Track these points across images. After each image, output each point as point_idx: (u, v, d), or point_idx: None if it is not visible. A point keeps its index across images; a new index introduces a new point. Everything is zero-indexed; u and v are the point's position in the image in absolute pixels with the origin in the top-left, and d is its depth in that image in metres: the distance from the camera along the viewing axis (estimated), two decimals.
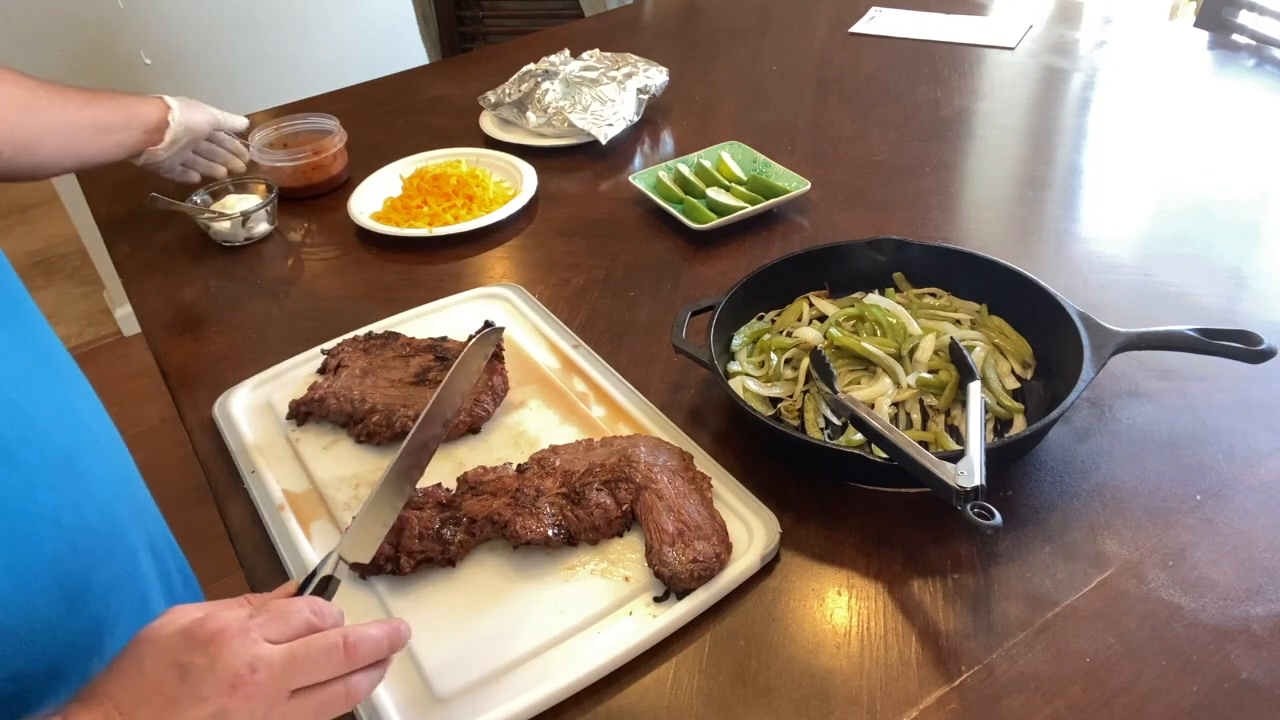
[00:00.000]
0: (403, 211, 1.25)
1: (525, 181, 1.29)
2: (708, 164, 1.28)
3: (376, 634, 0.55)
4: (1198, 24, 1.94)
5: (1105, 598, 0.71)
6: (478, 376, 0.86)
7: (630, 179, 1.26)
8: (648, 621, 0.69)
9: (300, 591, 0.58)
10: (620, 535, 0.76)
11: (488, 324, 0.93)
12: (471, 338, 0.93)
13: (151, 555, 0.69)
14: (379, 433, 0.86)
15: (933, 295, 1.00)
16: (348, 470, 0.84)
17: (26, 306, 0.62)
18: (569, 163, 1.38)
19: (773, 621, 0.71)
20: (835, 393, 0.82)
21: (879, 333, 0.94)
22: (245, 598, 0.56)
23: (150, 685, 0.49)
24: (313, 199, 1.32)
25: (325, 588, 0.59)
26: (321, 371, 0.95)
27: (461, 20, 2.40)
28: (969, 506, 0.68)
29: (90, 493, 0.57)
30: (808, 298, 1.00)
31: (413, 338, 0.97)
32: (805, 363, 0.91)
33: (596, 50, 1.56)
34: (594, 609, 0.70)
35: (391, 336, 0.98)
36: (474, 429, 0.87)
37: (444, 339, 0.97)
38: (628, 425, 0.87)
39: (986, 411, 0.83)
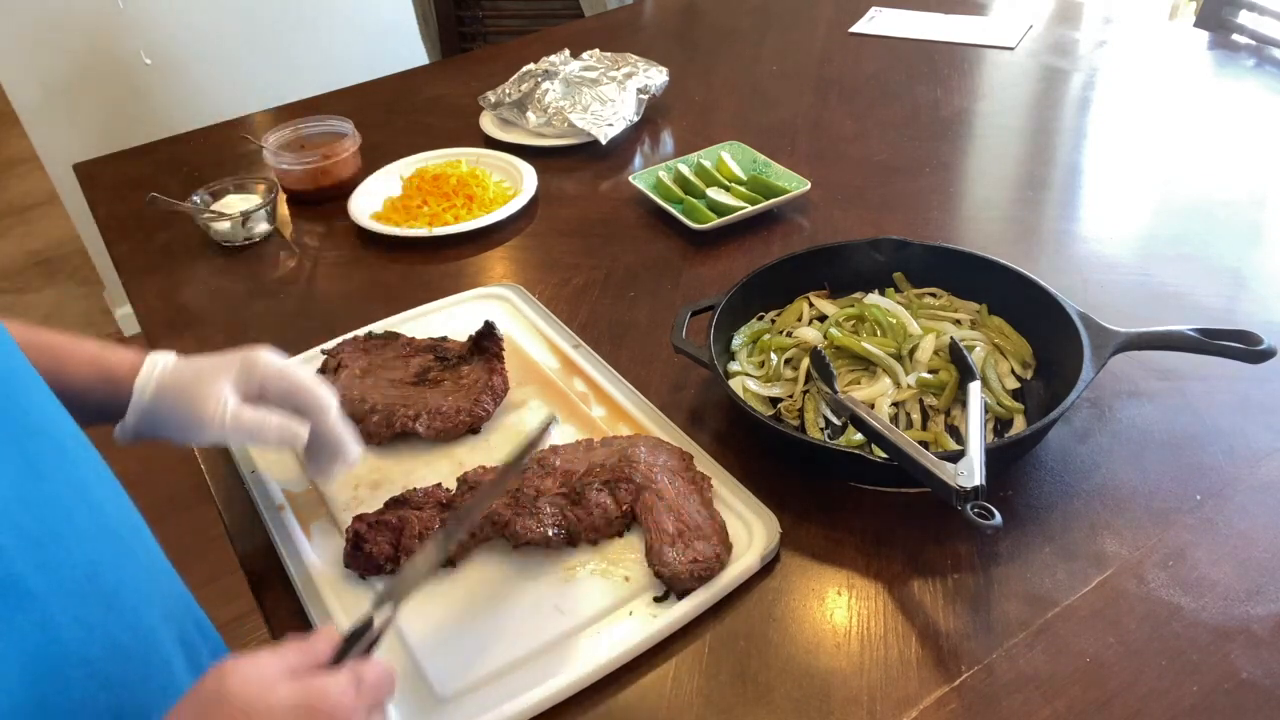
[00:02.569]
0: (403, 211, 1.25)
1: (525, 181, 1.29)
2: (708, 164, 1.28)
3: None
4: (1198, 24, 1.94)
5: (1105, 598, 0.71)
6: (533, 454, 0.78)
7: (630, 179, 1.26)
8: (648, 621, 0.69)
9: (346, 642, 0.55)
10: (620, 535, 0.76)
11: (488, 324, 0.93)
12: (472, 338, 0.93)
13: (183, 650, 0.61)
14: (379, 433, 0.86)
15: (933, 295, 1.00)
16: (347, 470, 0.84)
17: (21, 387, 0.54)
18: (569, 163, 1.38)
19: (773, 621, 0.71)
20: (835, 393, 0.82)
21: (879, 333, 0.94)
22: (302, 647, 0.52)
23: None
24: (323, 202, 1.31)
25: (374, 639, 0.57)
26: (321, 371, 0.95)
27: (461, 20, 2.40)
28: (969, 506, 0.68)
29: (119, 609, 0.52)
30: (808, 298, 1.00)
31: (413, 338, 0.97)
32: (805, 363, 0.91)
33: (596, 50, 1.56)
34: (594, 609, 0.70)
35: (391, 336, 0.98)
36: (474, 429, 0.87)
37: (444, 339, 0.97)
38: (628, 425, 0.87)
39: (986, 411, 0.83)
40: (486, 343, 0.92)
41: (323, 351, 0.97)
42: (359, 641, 0.55)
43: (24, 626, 0.45)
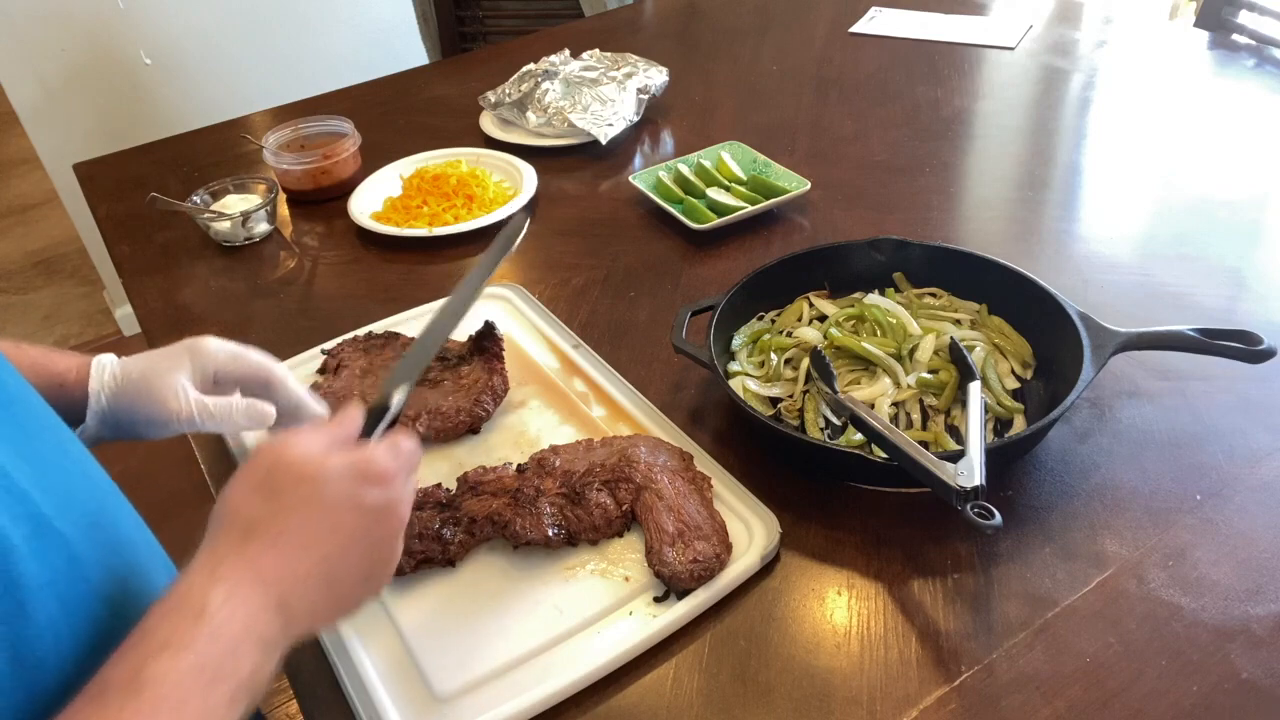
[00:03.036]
0: (403, 211, 1.25)
1: (525, 181, 1.29)
2: (708, 164, 1.28)
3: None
4: (1198, 24, 1.94)
5: (1105, 598, 0.71)
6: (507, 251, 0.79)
7: (630, 179, 1.26)
8: (648, 621, 0.69)
9: (368, 424, 0.60)
10: (620, 535, 0.76)
11: (488, 325, 0.93)
12: (472, 338, 0.93)
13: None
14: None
15: (933, 295, 1.00)
16: None
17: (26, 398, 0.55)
18: (569, 163, 1.38)
19: (773, 621, 0.71)
20: (835, 393, 0.82)
21: (879, 333, 0.94)
22: (330, 428, 0.57)
23: (334, 520, 0.52)
24: (323, 202, 1.31)
25: (394, 422, 0.62)
26: (322, 371, 0.95)
27: (461, 20, 2.40)
28: (969, 506, 0.68)
29: (123, 554, 0.54)
30: (808, 298, 1.00)
31: (413, 338, 0.97)
32: (805, 363, 0.91)
33: (596, 50, 1.56)
34: (594, 609, 0.70)
35: (392, 336, 0.98)
36: (474, 429, 0.87)
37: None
38: (628, 425, 0.87)
39: (986, 411, 0.83)
40: (486, 343, 0.92)
41: (323, 351, 0.97)
42: (382, 419, 0.60)
43: (57, 563, 0.47)
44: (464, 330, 0.97)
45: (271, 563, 0.50)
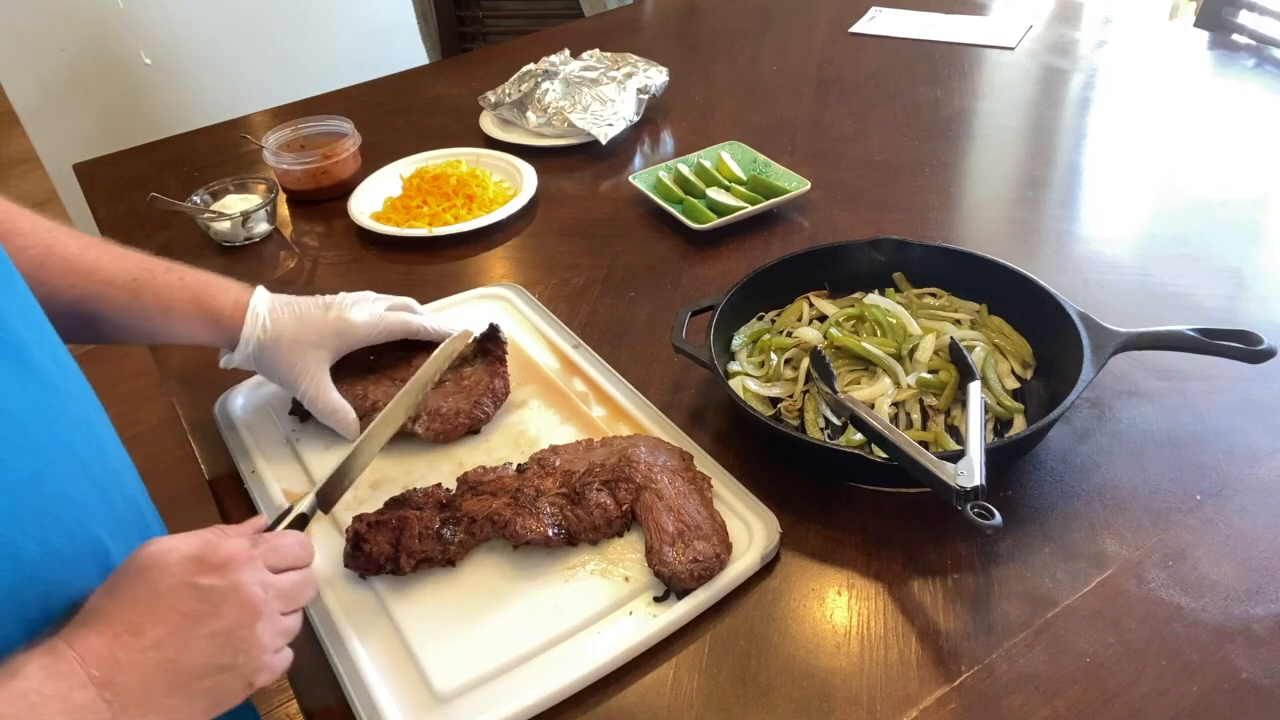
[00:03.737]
0: (403, 211, 1.25)
1: (525, 181, 1.29)
2: (708, 164, 1.28)
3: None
4: (1198, 24, 1.94)
5: (1105, 598, 0.71)
6: (444, 368, 0.88)
7: (630, 179, 1.26)
8: (648, 621, 0.69)
9: (272, 527, 0.64)
10: (620, 535, 0.76)
11: (492, 327, 0.92)
12: (477, 339, 0.93)
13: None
14: None
15: (933, 295, 1.00)
16: None
17: (5, 305, 0.57)
18: (569, 163, 1.38)
19: (773, 621, 0.71)
20: (835, 393, 0.82)
21: (879, 333, 0.94)
22: (221, 528, 0.59)
23: (165, 605, 0.52)
24: (323, 202, 1.31)
25: (301, 525, 0.66)
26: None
27: (461, 20, 2.40)
28: (969, 506, 0.68)
29: (58, 516, 0.54)
30: (808, 298, 1.00)
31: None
32: (805, 363, 0.91)
33: (596, 50, 1.56)
34: (594, 609, 0.70)
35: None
36: (473, 430, 0.87)
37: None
38: (628, 425, 0.87)
39: (986, 411, 0.83)
40: (490, 344, 0.92)
41: None
42: (285, 518, 0.64)
43: None
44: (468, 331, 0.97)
45: (98, 644, 0.50)
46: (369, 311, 0.87)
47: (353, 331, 0.85)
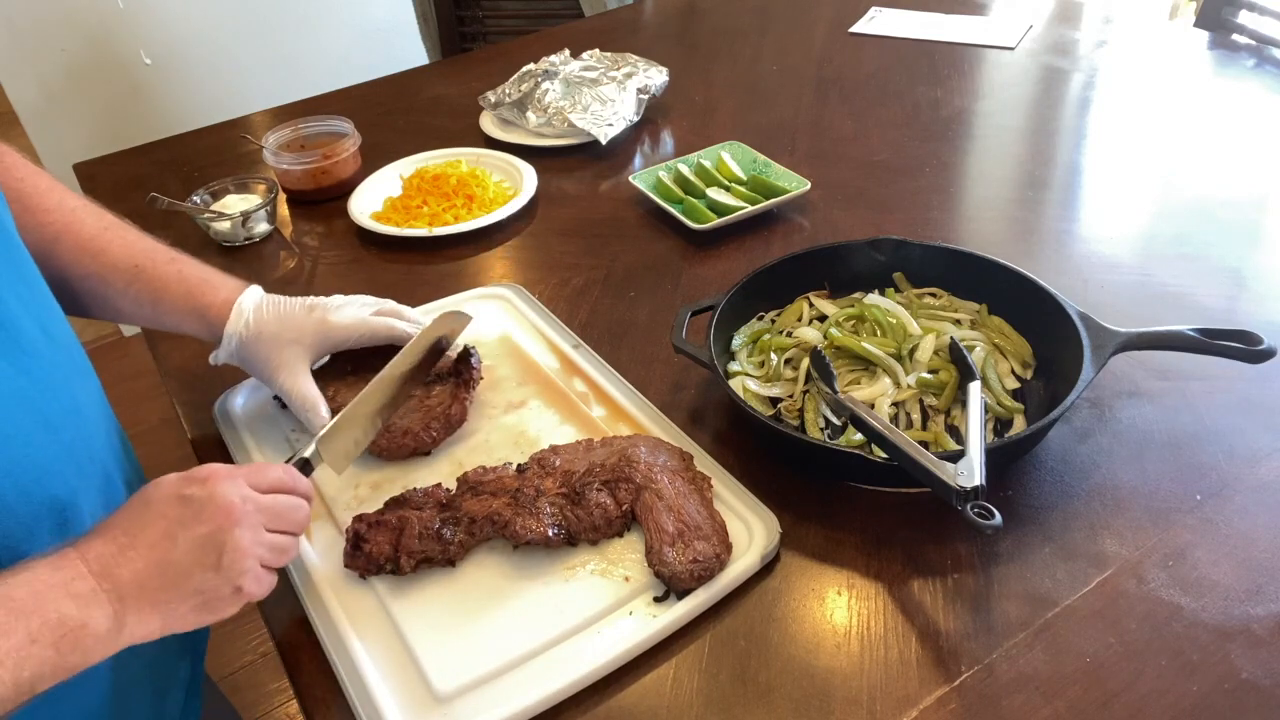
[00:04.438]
0: (403, 211, 1.25)
1: (525, 181, 1.29)
2: (708, 164, 1.28)
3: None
4: (1198, 24, 1.94)
5: (1105, 598, 0.71)
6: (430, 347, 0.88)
7: (630, 179, 1.26)
8: (648, 621, 0.69)
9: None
10: (620, 535, 0.76)
11: (467, 350, 0.91)
12: (455, 358, 0.91)
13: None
14: None
15: (933, 295, 1.00)
16: (348, 470, 0.84)
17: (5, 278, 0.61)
18: (569, 163, 1.38)
19: (773, 621, 0.71)
20: (835, 393, 0.82)
21: (879, 333, 0.94)
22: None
23: (155, 513, 0.58)
24: (323, 202, 1.31)
25: (303, 468, 0.71)
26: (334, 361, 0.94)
27: (461, 20, 2.40)
28: (969, 506, 0.68)
29: (17, 477, 0.57)
30: (808, 298, 1.00)
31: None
32: (805, 363, 0.91)
33: (596, 50, 1.56)
34: (594, 609, 0.70)
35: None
36: (419, 451, 0.85)
37: (451, 349, 0.95)
38: (628, 425, 0.87)
39: (986, 411, 0.83)
40: (461, 367, 0.90)
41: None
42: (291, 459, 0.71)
43: None
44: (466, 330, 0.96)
45: (99, 545, 0.56)
46: (353, 315, 0.87)
47: (334, 333, 0.86)
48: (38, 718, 0.57)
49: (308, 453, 0.72)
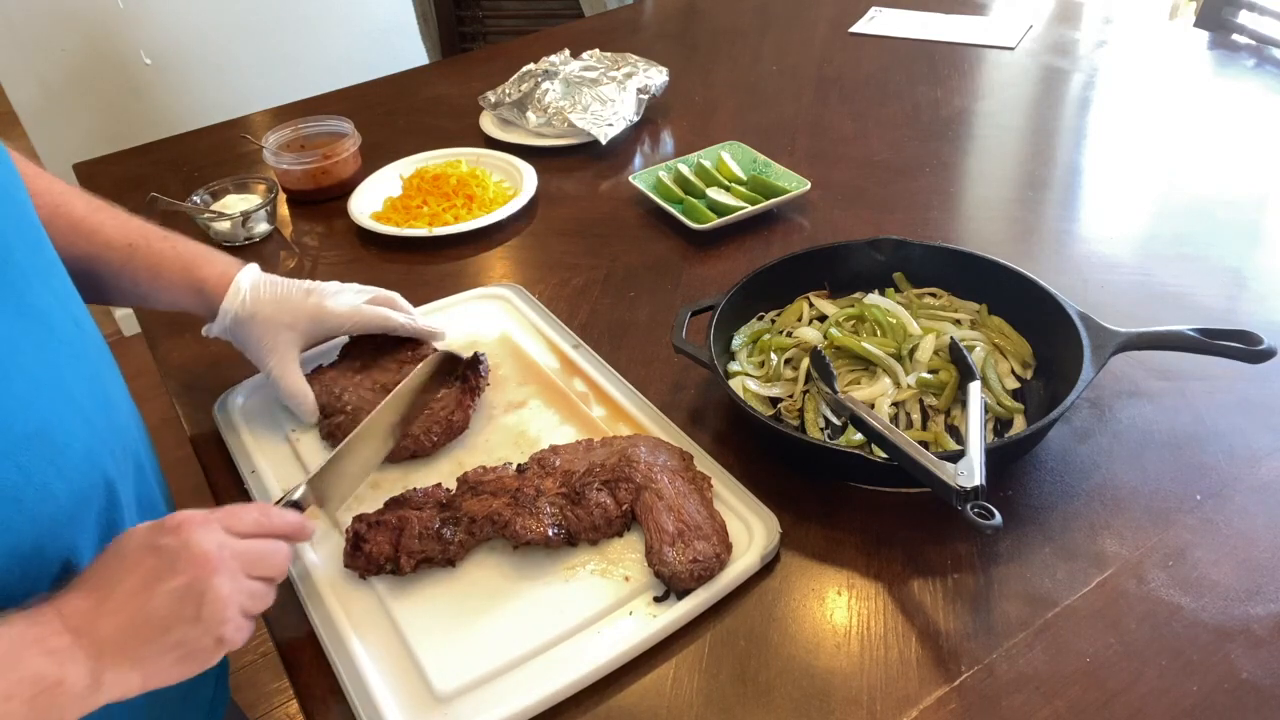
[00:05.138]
0: (403, 211, 1.25)
1: (525, 181, 1.29)
2: (708, 164, 1.28)
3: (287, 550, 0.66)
4: (1198, 24, 1.94)
5: (1105, 598, 0.71)
6: (423, 381, 0.86)
7: (630, 179, 1.26)
8: (648, 621, 0.69)
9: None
10: (620, 535, 0.76)
11: (477, 356, 0.90)
12: (468, 360, 0.91)
13: (139, 512, 0.69)
14: (336, 435, 0.85)
15: (933, 295, 1.00)
16: None
17: (27, 269, 0.61)
18: (569, 163, 1.38)
19: (773, 621, 0.71)
20: (835, 393, 0.82)
21: (879, 333, 0.94)
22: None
23: (128, 566, 0.56)
24: (323, 202, 1.31)
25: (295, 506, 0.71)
26: (342, 356, 0.94)
27: (461, 20, 2.40)
28: (969, 506, 0.68)
29: (61, 465, 0.58)
30: (808, 298, 1.00)
31: (421, 343, 0.95)
32: (805, 363, 0.91)
33: (596, 50, 1.56)
34: (594, 609, 0.70)
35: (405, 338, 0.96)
36: (416, 455, 0.85)
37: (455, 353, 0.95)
38: (628, 425, 0.87)
39: (986, 411, 0.83)
40: (469, 372, 0.89)
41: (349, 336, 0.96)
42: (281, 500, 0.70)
43: None
44: (464, 330, 0.96)
45: (76, 600, 0.55)
46: (348, 302, 0.88)
47: (328, 319, 0.87)
48: None
49: (297, 496, 0.72)
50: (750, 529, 0.75)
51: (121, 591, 0.55)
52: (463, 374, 0.89)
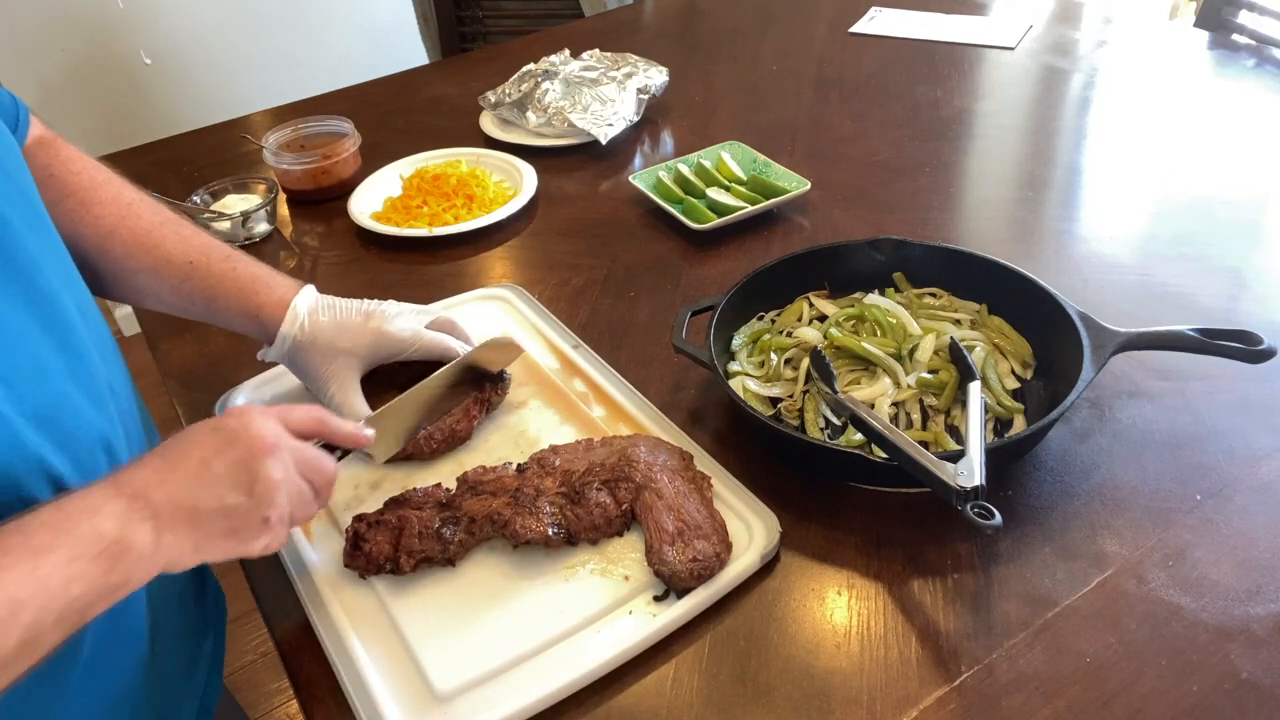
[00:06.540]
0: (403, 211, 1.25)
1: (525, 181, 1.29)
2: (708, 164, 1.28)
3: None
4: (1198, 24, 1.94)
5: (1105, 598, 0.71)
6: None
7: (630, 179, 1.26)
8: (648, 621, 0.69)
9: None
10: (620, 535, 0.76)
11: (502, 373, 0.91)
12: (493, 372, 0.90)
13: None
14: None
15: (933, 295, 1.00)
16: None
17: (36, 255, 0.61)
18: (569, 163, 1.38)
19: (773, 621, 0.71)
20: (835, 393, 0.82)
21: (879, 333, 0.94)
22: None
23: (192, 441, 0.59)
24: (323, 202, 1.31)
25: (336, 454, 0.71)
26: None
27: (461, 20, 2.40)
28: (969, 506, 0.68)
29: (70, 450, 0.58)
30: (808, 298, 1.00)
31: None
32: (805, 363, 0.91)
33: (596, 50, 1.56)
34: (594, 608, 0.70)
35: None
36: (413, 457, 0.84)
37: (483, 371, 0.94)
38: (628, 425, 0.87)
39: (986, 411, 0.83)
40: (487, 384, 0.89)
41: None
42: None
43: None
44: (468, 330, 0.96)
45: (135, 471, 0.57)
46: (409, 326, 0.86)
47: (389, 344, 0.85)
48: (80, 687, 0.59)
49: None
50: (750, 529, 0.75)
51: (182, 465, 0.58)
52: (480, 384, 0.89)
